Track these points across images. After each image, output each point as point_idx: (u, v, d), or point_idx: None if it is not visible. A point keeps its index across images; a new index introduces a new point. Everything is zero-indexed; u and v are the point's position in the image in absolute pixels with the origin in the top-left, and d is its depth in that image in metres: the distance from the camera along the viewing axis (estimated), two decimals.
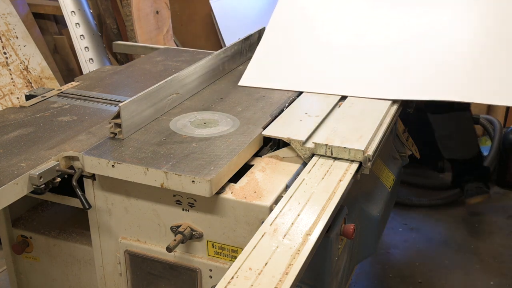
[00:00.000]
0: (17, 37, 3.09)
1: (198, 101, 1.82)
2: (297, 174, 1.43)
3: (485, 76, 1.82)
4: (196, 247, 1.42)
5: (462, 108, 3.10)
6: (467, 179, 3.26)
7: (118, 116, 1.49)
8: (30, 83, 3.07)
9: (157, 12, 3.51)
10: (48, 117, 1.69)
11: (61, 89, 1.93)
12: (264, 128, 1.59)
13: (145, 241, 1.49)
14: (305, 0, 2.30)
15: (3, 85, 2.94)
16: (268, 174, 1.43)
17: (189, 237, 1.39)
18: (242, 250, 1.08)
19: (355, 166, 1.43)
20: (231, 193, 1.34)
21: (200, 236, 1.40)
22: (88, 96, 1.86)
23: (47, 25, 3.48)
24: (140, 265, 1.50)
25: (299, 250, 1.07)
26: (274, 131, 1.56)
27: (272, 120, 1.64)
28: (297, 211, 1.21)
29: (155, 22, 3.51)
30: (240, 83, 1.98)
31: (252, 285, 0.97)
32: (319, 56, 2.05)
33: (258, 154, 1.55)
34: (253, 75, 2.02)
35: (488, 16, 2.00)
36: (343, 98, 1.86)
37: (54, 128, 1.60)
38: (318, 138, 1.52)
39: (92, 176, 1.47)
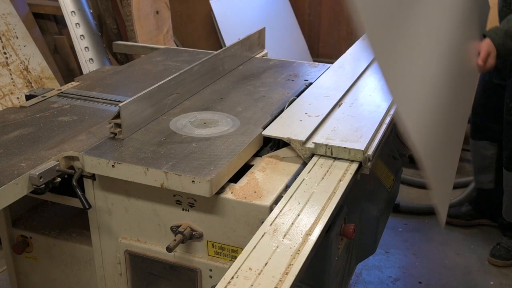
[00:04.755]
0: (17, 37, 3.09)
1: (198, 101, 1.82)
2: (297, 174, 1.43)
3: None
4: (196, 247, 1.42)
5: None
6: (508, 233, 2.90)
7: (118, 116, 1.49)
8: (30, 83, 3.07)
9: (157, 12, 3.51)
10: (48, 117, 1.69)
11: (61, 89, 1.93)
12: (264, 128, 1.59)
13: (145, 241, 1.49)
14: None
15: (3, 85, 2.94)
16: (268, 174, 1.43)
17: (189, 237, 1.39)
18: (242, 250, 1.08)
19: (355, 166, 1.43)
20: (231, 193, 1.34)
21: (200, 236, 1.40)
22: (88, 96, 1.86)
23: (47, 25, 3.48)
24: (140, 265, 1.50)
25: (299, 250, 1.07)
26: (274, 131, 1.56)
27: (272, 120, 1.64)
28: (297, 211, 1.21)
29: (155, 22, 3.51)
30: None
31: (252, 285, 0.97)
32: None
33: (258, 154, 1.55)
34: None
35: None
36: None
37: (54, 128, 1.60)
38: (318, 138, 1.52)
39: (92, 176, 1.47)
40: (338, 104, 1.79)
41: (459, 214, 3.19)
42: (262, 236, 1.12)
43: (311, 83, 1.98)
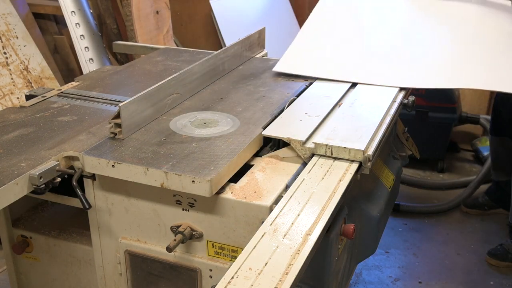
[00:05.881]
0: (17, 37, 3.09)
1: (198, 101, 1.82)
2: (297, 174, 1.43)
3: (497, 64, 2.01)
4: (196, 247, 1.42)
5: None
6: None
7: (118, 116, 1.49)
8: (30, 83, 3.07)
9: (157, 12, 3.51)
10: (48, 117, 1.69)
11: (61, 89, 1.93)
12: (264, 128, 1.59)
13: (145, 241, 1.49)
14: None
15: (3, 85, 2.94)
16: (268, 174, 1.43)
17: (189, 237, 1.39)
18: (242, 250, 1.08)
19: (355, 166, 1.43)
20: (231, 193, 1.34)
21: (200, 236, 1.40)
22: (88, 96, 1.86)
23: (47, 25, 3.48)
24: (140, 265, 1.50)
25: (299, 250, 1.07)
26: (274, 131, 1.56)
27: (272, 120, 1.64)
28: (297, 211, 1.21)
29: (155, 22, 3.51)
30: (275, 69, 2.10)
31: (252, 285, 0.97)
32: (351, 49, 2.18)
33: (258, 154, 1.55)
34: (289, 62, 2.14)
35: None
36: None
37: (54, 128, 1.60)
38: (318, 138, 1.52)
39: (92, 176, 1.47)
40: (338, 104, 1.79)
41: (476, 204, 3.30)
42: (262, 236, 1.12)
43: (311, 83, 1.98)
